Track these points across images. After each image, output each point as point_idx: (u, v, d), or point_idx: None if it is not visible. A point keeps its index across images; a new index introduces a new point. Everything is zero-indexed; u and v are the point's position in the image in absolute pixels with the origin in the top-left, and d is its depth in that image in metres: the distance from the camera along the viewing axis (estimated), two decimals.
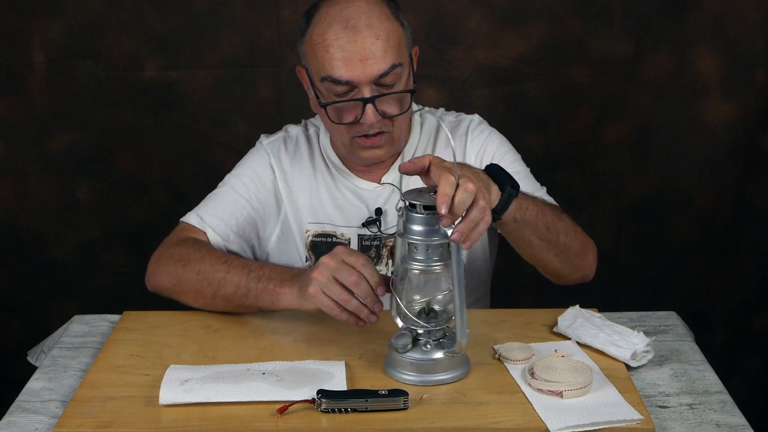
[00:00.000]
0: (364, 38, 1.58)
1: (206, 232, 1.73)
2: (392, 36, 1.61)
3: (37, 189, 2.50)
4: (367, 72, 1.58)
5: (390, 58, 1.59)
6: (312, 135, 1.83)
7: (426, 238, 1.37)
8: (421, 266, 1.39)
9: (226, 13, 2.36)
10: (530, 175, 1.81)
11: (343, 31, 1.58)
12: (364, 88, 1.60)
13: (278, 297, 1.53)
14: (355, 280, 1.41)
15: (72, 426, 1.33)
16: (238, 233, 1.75)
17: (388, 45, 1.59)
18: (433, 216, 1.35)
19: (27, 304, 2.59)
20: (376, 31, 1.59)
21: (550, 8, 2.36)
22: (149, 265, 1.73)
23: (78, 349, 1.61)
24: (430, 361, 1.41)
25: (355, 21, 1.58)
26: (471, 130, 1.81)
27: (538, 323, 1.63)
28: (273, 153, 1.80)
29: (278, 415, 1.33)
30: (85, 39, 2.37)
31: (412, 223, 1.37)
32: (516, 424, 1.32)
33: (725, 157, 2.46)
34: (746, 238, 2.54)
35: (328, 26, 1.60)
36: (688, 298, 2.56)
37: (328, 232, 1.77)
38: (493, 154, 1.78)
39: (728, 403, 1.40)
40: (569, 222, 1.64)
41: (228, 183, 1.80)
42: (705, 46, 2.38)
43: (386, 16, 1.62)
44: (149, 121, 2.45)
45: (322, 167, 1.79)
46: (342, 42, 1.58)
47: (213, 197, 1.79)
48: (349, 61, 1.58)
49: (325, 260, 1.44)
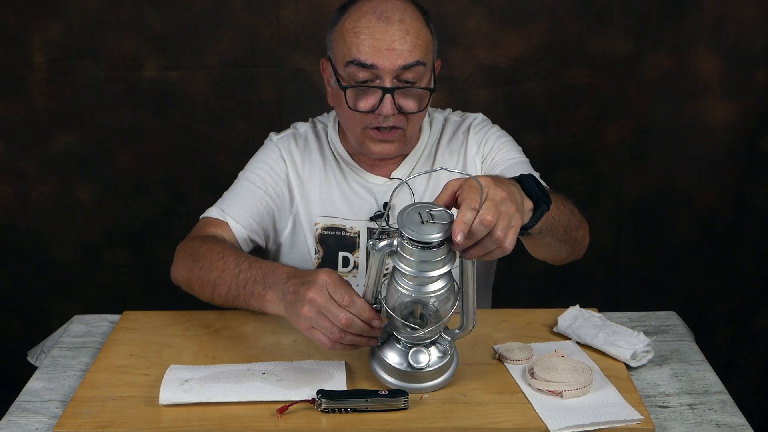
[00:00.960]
0: (395, 30, 1.62)
1: (228, 222, 1.74)
2: (421, 35, 1.64)
3: (37, 189, 2.50)
4: (392, 61, 1.61)
5: (416, 54, 1.63)
6: (320, 131, 1.85)
7: (419, 271, 1.30)
8: (413, 272, 1.31)
9: (226, 13, 2.36)
10: (529, 165, 1.81)
11: (377, 20, 1.62)
12: (387, 77, 1.62)
13: (264, 304, 1.50)
14: (346, 321, 1.35)
15: (72, 426, 1.33)
16: (260, 223, 1.77)
17: (416, 42, 1.63)
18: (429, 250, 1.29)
19: (27, 304, 2.59)
20: (408, 26, 1.63)
21: (550, 8, 2.36)
22: (174, 258, 1.73)
23: (78, 349, 1.61)
24: (418, 371, 1.39)
25: (389, 14, 1.63)
26: (472, 127, 1.83)
27: (538, 323, 1.63)
28: (284, 148, 1.82)
29: (278, 415, 1.33)
30: (85, 39, 2.37)
31: (407, 253, 1.30)
32: (516, 424, 1.32)
33: (725, 157, 2.46)
34: (746, 238, 2.54)
35: (362, 15, 1.64)
36: (688, 298, 2.56)
37: (337, 225, 1.78)
38: (492, 146, 1.81)
39: (728, 403, 1.40)
40: (577, 214, 1.64)
41: (243, 177, 1.81)
42: (705, 46, 2.38)
43: (419, 19, 1.66)
44: (149, 121, 2.45)
45: (331, 162, 1.81)
46: (373, 30, 1.62)
47: (231, 192, 1.80)
48: (377, 49, 1.61)
49: (311, 295, 1.37)
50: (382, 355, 1.41)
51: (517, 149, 1.83)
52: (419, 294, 1.33)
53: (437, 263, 1.30)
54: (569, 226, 1.57)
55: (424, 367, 1.39)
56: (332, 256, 1.78)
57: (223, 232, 1.73)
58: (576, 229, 1.61)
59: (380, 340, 1.42)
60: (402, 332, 1.39)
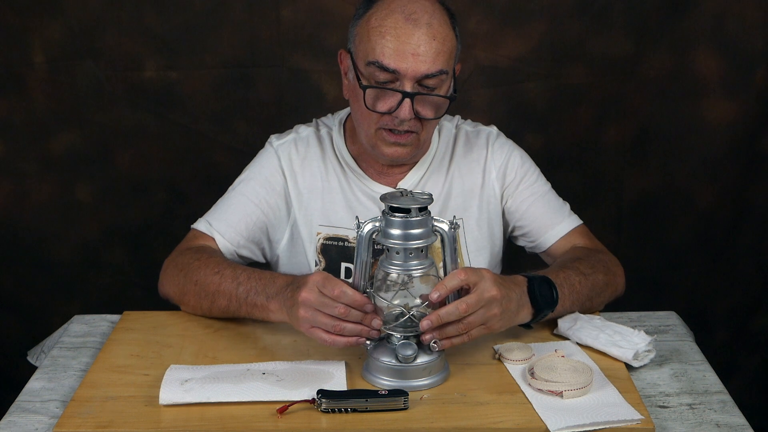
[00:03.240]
0: (422, 34, 1.58)
1: (215, 238, 1.72)
2: (447, 42, 1.61)
3: (37, 189, 2.50)
4: (415, 67, 1.58)
5: (440, 63, 1.60)
6: (324, 135, 1.80)
7: (404, 242, 1.38)
8: (399, 269, 1.40)
9: (226, 13, 2.36)
10: (552, 192, 1.83)
11: (404, 21, 1.59)
12: (407, 82, 1.59)
13: (268, 314, 1.53)
14: (342, 311, 1.39)
15: (72, 426, 1.33)
16: (249, 238, 1.74)
17: (442, 48, 1.60)
18: (412, 219, 1.37)
19: (27, 304, 2.59)
20: (435, 31, 1.59)
21: (550, 8, 2.36)
22: (160, 273, 1.72)
23: (78, 349, 1.61)
24: (408, 366, 1.41)
25: (417, 16, 1.59)
26: (492, 143, 1.81)
27: (538, 323, 1.63)
28: (283, 155, 1.77)
29: (278, 415, 1.33)
30: (85, 39, 2.37)
31: (391, 227, 1.38)
32: (516, 424, 1.32)
33: (725, 157, 2.46)
34: (746, 238, 2.54)
35: (389, 13, 1.60)
36: (688, 298, 2.56)
37: (340, 235, 1.75)
38: (516, 171, 1.79)
39: (728, 403, 1.40)
40: (601, 276, 1.66)
41: (237, 188, 1.78)
42: (705, 46, 2.38)
43: (446, 23, 1.63)
44: (149, 121, 2.44)
45: (335, 168, 1.77)
46: (399, 32, 1.58)
47: (222, 202, 1.78)
48: (402, 53, 1.58)
49: (304, 295, 1.40)
50: (372, 357, 1.43)
51: (539, 174, 1.83)
52: (405, 270, 1.39)
53: (419, 234, 1.37)
54: (590, 296, 1.62)
55: (411, 360, 1.40)
56: (334, 267, 1.75)
57: (210, 245, 1.72)
58: (600, 294, 1.65)
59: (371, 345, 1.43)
60: (389, 319, 1.42)
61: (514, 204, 1.79)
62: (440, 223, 1.40)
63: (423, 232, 1.38)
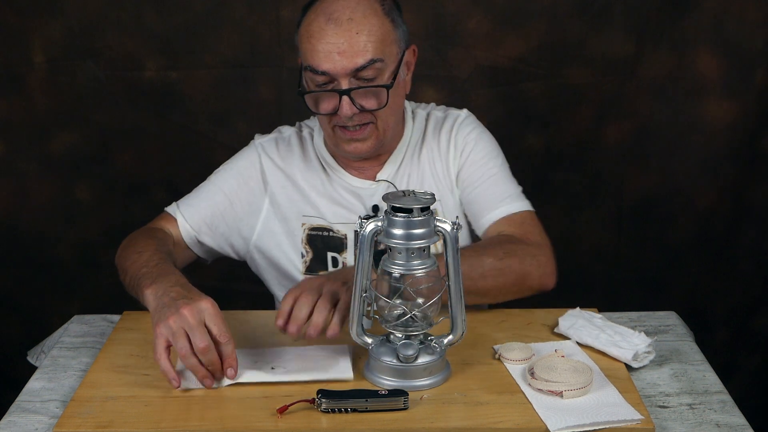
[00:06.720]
0: (344, 31, 1.60)
1: (177, 219, 1.76)
2: (375, 31, 1.62)
3: (37, 189, 2.50)
4: (344, 65, 1.60)
5: (369, 53, 1.61)
6: (306, 136, 1.83)
7: (406, 242, 1.38)
8: (402, 270, 1.40)
9: (226, 13, 2.36)
10: (505, 176, 1.78)
11: (326, 23, 1.61)
12: (342, 80, 1.62)
13: (142, 294, 1.50)
14: (204, 347, 1.37)
15: (72, 426, 1.33)
16: (212, 227, 1.76)
17: (368, 40, 1.61)
18: (414, 219, 1.37)
19: (27, 304, 2.59)
20: (358, 25, 1.61)
21: (550, 8, 2.36)
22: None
23: (78, 349, 1.61)
24: (409, 366, 1.41)
25: (338, 14, 1.61)
26: (457, 125, 1.80)
27: (538, 323, 1.63)
28: (263, 153, 1.81)
29: (278, 415, 1.33)
30: (85, 39, 2.37)
31: (393, 227, 1.38)
32: (516, 424, 1.32)
33: (725, 157, 2.46)
34: (746, 238, 2.54)
35: (315, 18, 1.63)
36: (688, 298, 2.56)
37: (324, 225, 1.77)
38: (469, 152, 1.77)
39: (728, 403, 1.40)
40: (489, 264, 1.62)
41: (211, 179, 1.82)
42: (705, 46, 2.38)
43: (373, 12, 1.63)
44: (149, 121, 2.45)
45: (315, 167, 1.80)
46: (323, 33, 1.61)
47: (196, 189, 1.81)
48: (328, 54, 1.60)
49: (186, 311, 1.39)
50: (373, 356, 1.43)
51: (493, 157, 1.78)
52: (407, 270, 1.39)
53: (421, 234, 1.38)
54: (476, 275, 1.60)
55: (412, 360, 1.40)
56: (321, 257, 1.77)
57: (171, 227, 1.76)
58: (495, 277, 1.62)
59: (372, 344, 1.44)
60: (389, 319, 1.43)
61: (462, 186, 1.78)
62: (442, 223, 1.40)
63: (425, 231, 1.38)
